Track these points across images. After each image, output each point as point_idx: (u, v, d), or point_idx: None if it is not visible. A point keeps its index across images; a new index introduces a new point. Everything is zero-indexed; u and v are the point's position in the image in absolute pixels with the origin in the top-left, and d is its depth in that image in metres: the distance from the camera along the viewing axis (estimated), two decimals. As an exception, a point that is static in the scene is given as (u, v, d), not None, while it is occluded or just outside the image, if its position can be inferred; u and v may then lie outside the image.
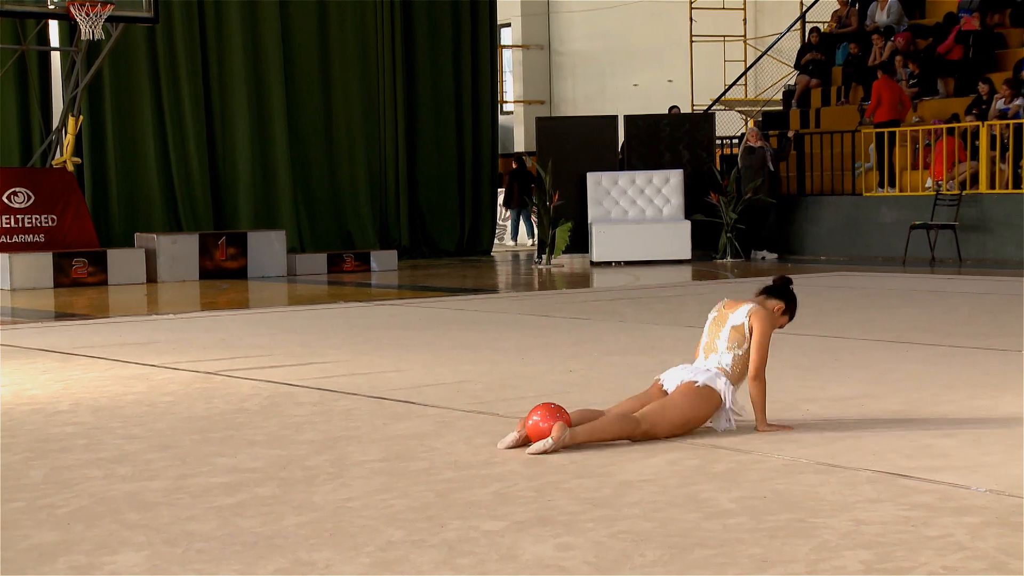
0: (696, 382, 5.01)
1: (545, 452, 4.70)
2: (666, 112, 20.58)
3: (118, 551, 3.55)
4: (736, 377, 5.06)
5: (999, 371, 6.67)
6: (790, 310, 5.27)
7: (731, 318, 5.14)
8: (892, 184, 17.98)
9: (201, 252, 15.93)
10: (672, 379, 5.09)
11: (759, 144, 17.95)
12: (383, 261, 17.33)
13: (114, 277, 15.15)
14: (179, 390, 6.53)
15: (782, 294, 5.28)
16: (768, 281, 5.49)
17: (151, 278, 15.49)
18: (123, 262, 15.31)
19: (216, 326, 9.89)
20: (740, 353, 5.07)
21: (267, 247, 16.35)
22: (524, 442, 4.81)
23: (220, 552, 3.53)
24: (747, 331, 5.08)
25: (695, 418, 4.98)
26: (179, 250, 15.80)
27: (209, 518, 3.89)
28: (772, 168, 17.87)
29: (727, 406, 5.04)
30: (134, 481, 4.42)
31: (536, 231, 24.07)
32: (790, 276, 5.43)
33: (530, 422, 4.83)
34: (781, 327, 5.27)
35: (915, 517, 3.73)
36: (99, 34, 14.57)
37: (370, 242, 19.49)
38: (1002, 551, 3.38)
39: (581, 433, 4.79)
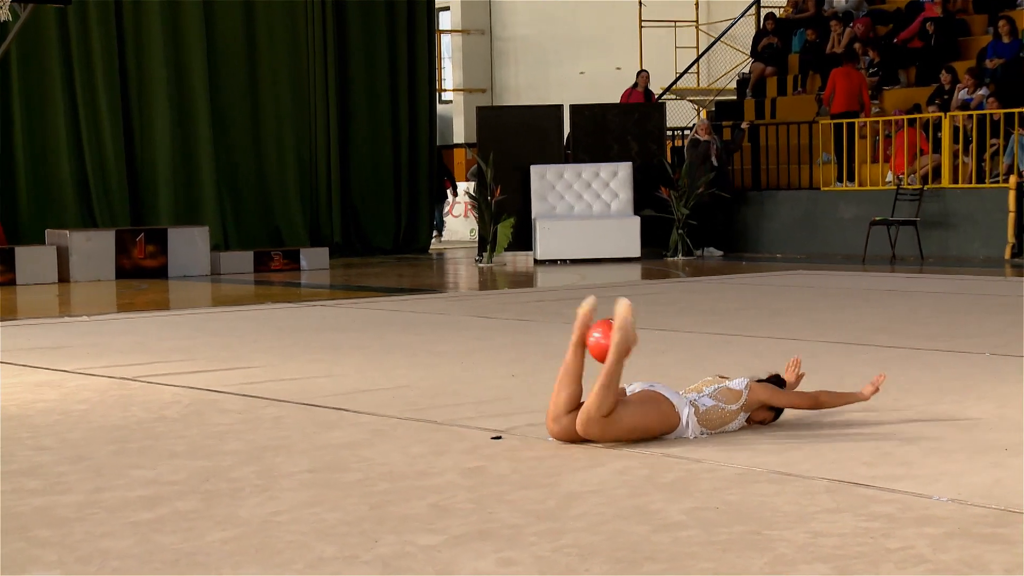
0: (661, 394, 5.05)
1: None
2: (616, 101, 20.63)
3: (27, 570, 3.52)
4: (703, 418, 5.10)
5: (962, 374, 6.75)
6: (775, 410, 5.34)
7: (728, 382, 5.23)
8: (851, 178, 18.14)
9: (117, 250, 15.79)
10: (638, 388, 5.12)
11: (706, 138, 18.05)
12: (314, 259, 17.26)
13: (23, 276, 14.97)
14: (94, 397, 6.47)
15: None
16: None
17: (63, 278, 15.33)
18: (32, 260, 15.14)
19: (134, 329, 9.81)
20: (723, 407, 5.14)
21: (189, 244, 16.23)
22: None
23: (138, 570, 3.50)
24: (743, 398, 5.16)
25: (645, 428, 4.98)
26: (93, 248, 15.64)
27: (126, 534, 3.85)
28: (715, 163, 17.97)
29: (687, 432, 5.06)
30: (45, 495, 4.37)
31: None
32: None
33: (591, 340, 4.95)
34: (763, 422, 5.30)
35: (875, 528, 3.77)
36: (5, 15, 14.40)
37: (300, 239, 19.40)
38: (966, 564, 3.42)
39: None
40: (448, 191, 23.93)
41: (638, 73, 20.81)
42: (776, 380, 5.38)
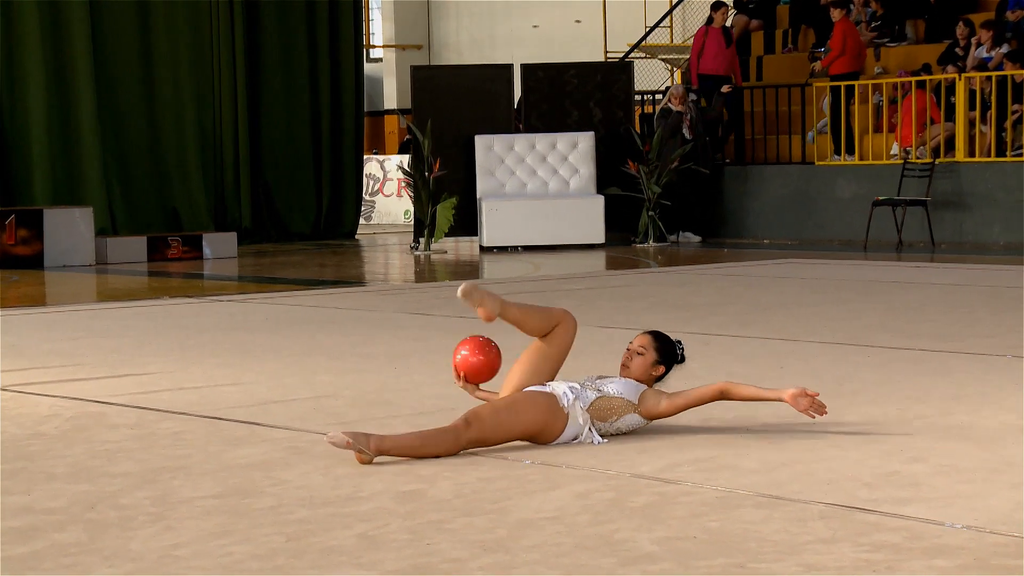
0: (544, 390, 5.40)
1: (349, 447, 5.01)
2: (574, 61, 20.62)
3: None
4: (595, 410, 5.42)
5: (978, 380, 6.81)
6: (664, 360, 5.64)
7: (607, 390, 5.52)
8: (850, 151, 18.24)
9: (-16, 235, 15.67)
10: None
11: (679, 108, 18.08)
12: (219, 246, 17.19)
13: None
14: (-43, 410, 6.43)
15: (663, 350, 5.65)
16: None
17: (-80, 268, 15.21)
18: None
19: (4, 328, 9.73)
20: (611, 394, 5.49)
21: (70, 228, 16.11)
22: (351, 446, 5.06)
23: (10, 615, 3.48)
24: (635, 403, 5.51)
25: (530, 423, 5.30)
26: (-44, 232, 15.52)
27: (-4, 573, 3.83)
28: (689, 136, 18.02)
29: (579, 423, 5.37)
30: (-101, 527, 4.34)
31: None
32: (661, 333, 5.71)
33: (458, 357, 5.61)
34: (656, 376, 5.61)
35: (878, 560, 3.80)
36: None
37: (202, 222, 19.31)
38: (982, 600, 3.46)
39: (390, 441, 5.10)
40: None
41: (715, 6, 19.38)
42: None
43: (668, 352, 5.58)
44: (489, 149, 17.90)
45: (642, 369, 5.53)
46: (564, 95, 18.58)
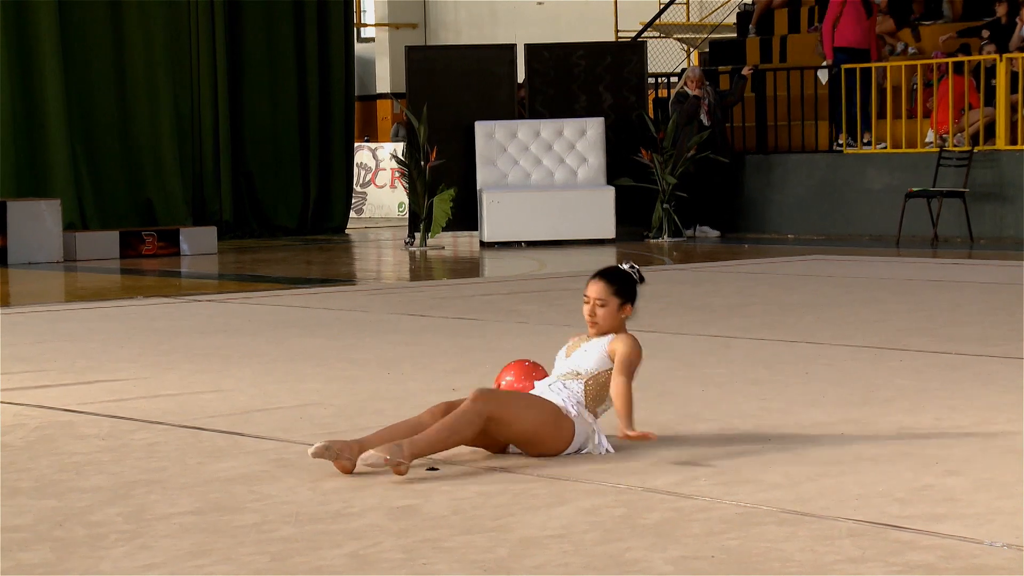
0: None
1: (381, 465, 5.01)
2: (582, 40, 20.62)
3: None
4: (592, 399, 5.48)
5: (1021, 388, 6.80)
6: (627, 296, 5.62)
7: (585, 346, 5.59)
8: (865, 137, 18.10)
9: (-57, 230, 15.70)
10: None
11: (696, 92, 18.08)
12: (197, 242, 17.19)
13: None
14: (-87, 420, 6.43)
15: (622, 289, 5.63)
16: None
17: None
18: None
19: (-35, 331, 9.75)
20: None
21: (35, 222, 16.12)
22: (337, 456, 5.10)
23: (-28, 641, 3.49)
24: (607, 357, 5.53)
25: (540, 414, 5.33)
26: (-88, 227, 15.54)
27: (-44, 595, 3.84)
28: (707, 123, 18.01)
29: (588, 421, 5.42)
30: None
31: None
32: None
33: (503, 383, 5.69)
34: (626, 316, 5.64)
35: (910, 581, 3.81)
36: None
37: (179, 216, 19.31)
38: (1023, 624, 3.47)
39: (421, 442, 5.11)
40: None
41: None
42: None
43: (627, 286, 5.61)
44: (490, 136, 17.89)
45: (611, 319, 5.58)
46: (571, 78, 18.58)
